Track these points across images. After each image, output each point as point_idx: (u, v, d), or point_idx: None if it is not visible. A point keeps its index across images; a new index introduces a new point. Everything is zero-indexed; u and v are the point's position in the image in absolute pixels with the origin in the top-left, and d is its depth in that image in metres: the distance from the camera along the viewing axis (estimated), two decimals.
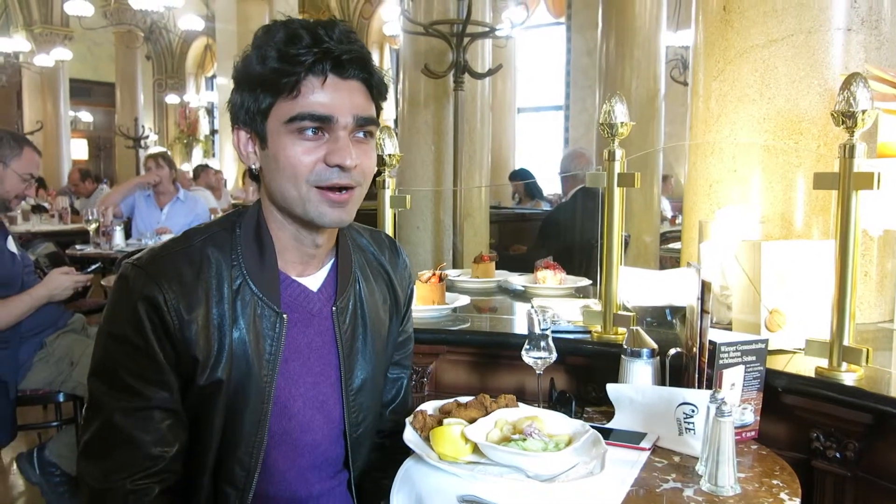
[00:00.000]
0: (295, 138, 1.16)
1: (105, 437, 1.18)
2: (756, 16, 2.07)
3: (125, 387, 1.16)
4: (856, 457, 1.50)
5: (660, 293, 1.97)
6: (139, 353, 1.16)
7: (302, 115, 1.14)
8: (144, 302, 1.15)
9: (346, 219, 1.21)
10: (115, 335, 1.18)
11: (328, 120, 1.15)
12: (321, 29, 1.14)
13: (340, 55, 1.14)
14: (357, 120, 1.17)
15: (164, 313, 1.15)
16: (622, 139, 1.86)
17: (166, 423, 1.18)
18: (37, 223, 7.21)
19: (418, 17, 4.36)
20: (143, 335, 1.15)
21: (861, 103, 1.49)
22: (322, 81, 1.14)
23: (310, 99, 1.14)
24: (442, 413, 1.38)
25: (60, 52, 14.25)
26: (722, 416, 1.25)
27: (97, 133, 19.51)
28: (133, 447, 1.16)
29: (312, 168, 1.16)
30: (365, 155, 1.20)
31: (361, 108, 1.18)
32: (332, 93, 1.15)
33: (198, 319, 1.17)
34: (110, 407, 1.17)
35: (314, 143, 1.16)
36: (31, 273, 3.00)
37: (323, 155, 1.16)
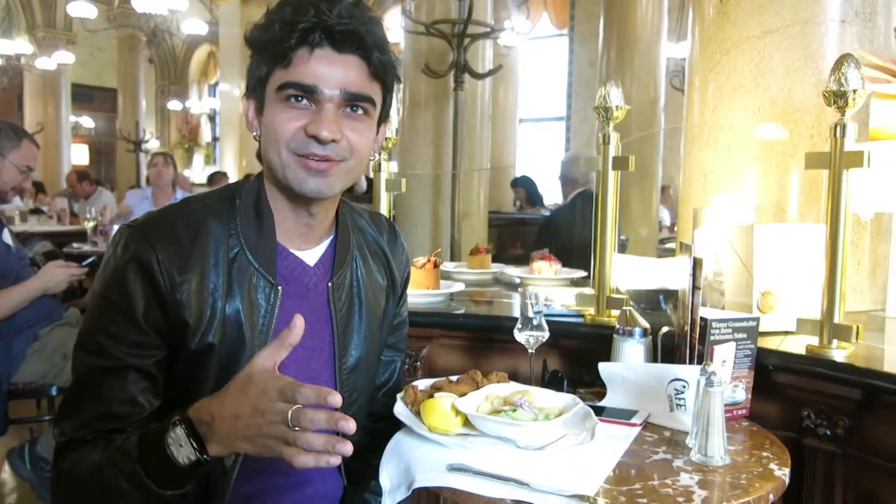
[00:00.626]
0: (283, 106, 1.17)
1: (75, 394, 1.18)
2: (752, 7, 2.09)
3: (103, 351, 1.16)
4: (846, 434, 1.51)
5: (653, 278, 1.98)
6: (121, 315, 1.15)
7: (289, 84, 1.15)
8: (135, 262, 1.15)
9: (325, 189, 1.20)
10: (101, 295, 1.18)
11: (313, 90, 1.15)
12: (325, 2, 1.14)
13: (334, 27, 1.14)
14: (345, 94, 1.17)
15: (156, 273, 1.15)
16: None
17: (140, 385, 1.17)
18: (34, 224, 7.21)
19: (420, 18, 4.39)
20: (127, 298, 1.15)
21: (852, 83, 1.51)
22: (311, 51, 1.15)
23: (299, 68, 1.15)
24: (433, 389, 1.39)
25: (63, 56, 14.29)
26: (711, 386, 1.25)
27: (98, 138, 19.55)
28: (99, 404, 1.15)
29: (293, 135, 1.16)
30: (355, 131, 1.19)
31: (354, 83, 1.17)
32: (323, 64, 1.15)
33: (191, 283, 1.17)
34: (85, 366, 1.17)
35: (299, 112, 1.17)
36: (27, 266, 2.99)
37: (305, 124, 1.16)
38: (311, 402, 0.95)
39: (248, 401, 0.99)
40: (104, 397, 1.15)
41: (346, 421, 0.94)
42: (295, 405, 0.95)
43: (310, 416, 0.94)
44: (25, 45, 13.64)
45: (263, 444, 0.98)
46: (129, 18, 13.51)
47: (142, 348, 1.17)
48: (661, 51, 6.95)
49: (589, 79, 12.99)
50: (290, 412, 0.95)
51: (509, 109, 12.27)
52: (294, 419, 0.94)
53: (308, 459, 0.95)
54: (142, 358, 1.17)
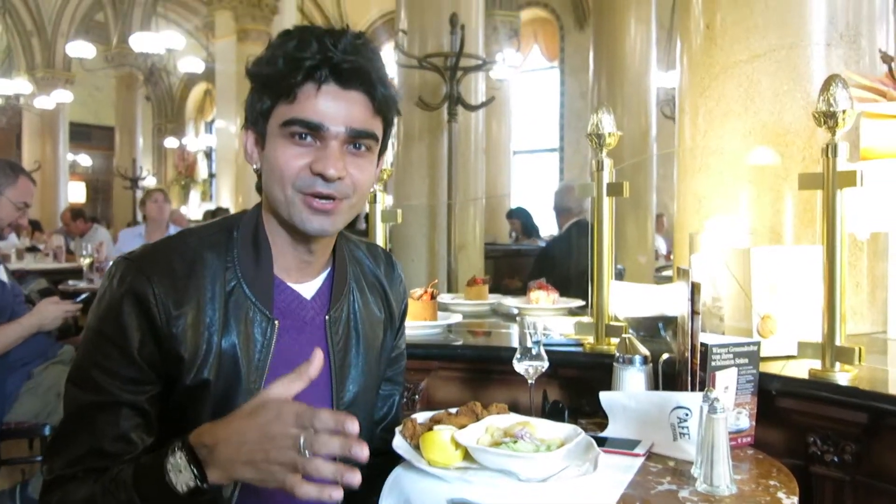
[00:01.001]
0: (287, 142, 1.16)
1: (66, 430, 1.15)
2: (738, 32, 2.12)
3: (95, 385, 1.13)
4: (854, 460, 1.48)
5: (651, 305, 1.96)
6: (116, 349, 1.14)
7: (294, 120, 1.15)
8: (131, 295, 1.14)
9: (329, 228, 1.19)
10: (95, 329, 1.17)
11: (319, 128, 1.14)
12: (329, 37, 1.14)
13: (340, 64, 1.13)
14: (350, 131, 1.16)
15: (151, 306, 1.14)
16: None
17: (132, 421, 1.14)
18: (31, 262, 7.19)
19: (413, 52, 4.43)
20: (122, 331, 1.14)
21: (841, 103, 1.52)
22: (318, 88, 1.14)
23: (304, 105, 1.14)
24: (432, 422, 1.37)
25: (61, 95, 14.41)
26: (715, 412, 1.23)
27: (95, 176, 19.65)
28: (91, 440, 1.12)
29: (298, 173, 1.16)
30: (358, 168, 1.19)
31: (358, 120, 1.17)
32: (329, 101, 1.15)
33: (186, 316, 1.15)
34: (77, 401, 1.15)
35: (304, 149, 1.16)
36: (22, 303, 2.98)
37: (310, 161, 1.15)
38: (329, 427, 0.94)
39: (258, 425, 0.97)
40: (96, 433, 1.12)
41: (361, 447, 0.94)
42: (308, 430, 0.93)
43: (324, 440, 0.93)
44: (25, 84, 13.75)
45: (268, 470, 0.96)
46: (127, 58, 13.65)
47: (136, 384, 1.15)
48: (651, 80, 7.04)
49: (580, 110, 13.11)
50: (304, 437, 0.93)
51: (503, 141, 12.35)
52: (308, 444, 0.93)
53: (311, 490, 0.93)
54: (135, 394, 1.15)
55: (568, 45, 13.82)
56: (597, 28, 7.20)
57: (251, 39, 10.54)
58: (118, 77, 14.94)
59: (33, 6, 15.45)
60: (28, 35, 15.83)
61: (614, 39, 6.90)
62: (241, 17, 10.76)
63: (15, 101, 13.67)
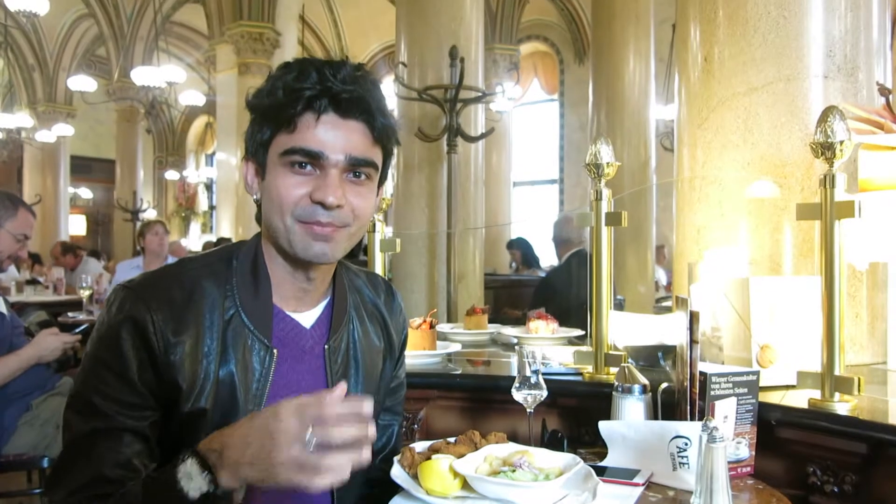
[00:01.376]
0: (287, 171, 1.17)
1: (66, 458, 1.14)
2: (736, 65, 2.14)
3: (96, 411, 1.13)
4: (854, 490, 1.47)
5: (650, 334, 1.96)
6: (115, 376, 1.14)
7: (294, 149, 1.16)
8: (129, 322, 1.14)
9: (329, 254, 1.20)
10: (94, 356, 1.17)
11: (319, 156, 1.15)
12: (328, 68, 1.16)
13: (340, 93, 1.15)
14: (350, 160, 1.17)
15: (150, 335, 1.14)
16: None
17: (134, 448, 1.14)
18: (31, 294, 7.19)
19: (413, 84, 4.47)
20: (121, 358, 1.14)
21: (838, 134, 1.53)
22: (317, 118, 1.15)
23: (304, 134, 1.15)
24: (431, 451, 1.36)
25: (62, 128, 14.51)
26: (714, 441, 1.22)
27: (96, 209, 19.72)
28: (92, 467, 1.12)
29: (298, 202, 1.16)
30: (358, 196, 1.20)
31: (358, 148, 1.18)
32: (328, 130, 1.16)
33: (185, 345, 1.15)
34: (78, 429, 1.14)
35: (304, 178, 1.17)
36: (21, 335, 2.97)
37: (310, 190, 1.16)
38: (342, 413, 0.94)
39: (258, 426, 0.98)
40: (98, 460, 1.11)
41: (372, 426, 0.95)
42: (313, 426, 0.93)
43: (338, 431, 0.93)
44: (26, 118, 13.86)
45: (272, 470, 0.95)
46: (128, 91, 13.75)
47: (136, 409, 1.14)
48: (650, 113, 7.10)
49: (580, 142, 13.21)
50: (311, 431, 0.93)
51: (503, 173, 12.42)
52: (319, 437, 0.93)
53: (322, 482, 0.93)
54: (136, 419, 1.14)
55: (567, 79, 13.96)
56: (596, 62, 7.28)
57: (252, 73, 10.64)
58: (119, 110, 15.05)
59: (35, 41, 15.63)
60: (30, 69, 15.99)
61: (613, 73, 6.97)
62: (243, 50, 10.86)
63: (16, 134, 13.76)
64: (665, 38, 8.06)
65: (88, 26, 15.32)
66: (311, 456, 0.93)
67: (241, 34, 10.86)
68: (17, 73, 16.05)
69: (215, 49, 11.77)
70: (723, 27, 2.19)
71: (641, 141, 6.93)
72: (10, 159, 14.86)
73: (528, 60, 14.16)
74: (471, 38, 4.94)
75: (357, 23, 15.09)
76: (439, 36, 4.78)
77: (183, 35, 16.52)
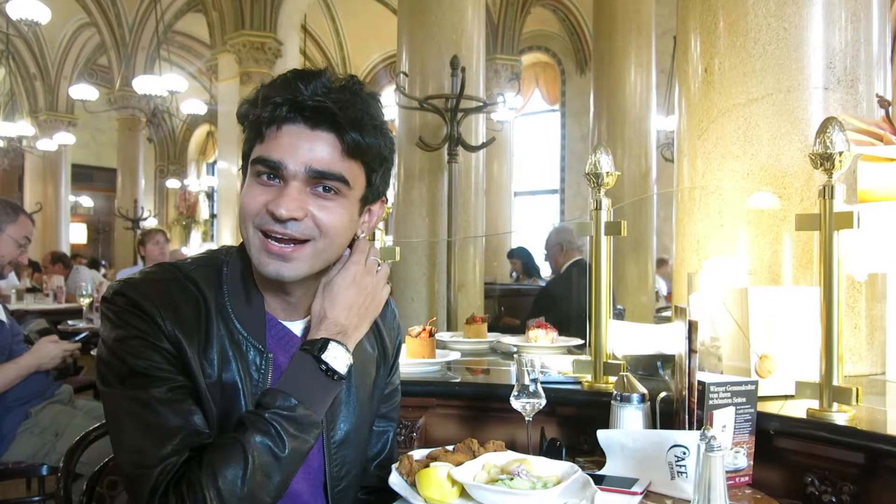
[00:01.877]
0: (254, 181, 1.17)
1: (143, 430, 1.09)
2: (736, 76, 2.15)
3: (150, 378, 1.11)
4: (851, 500, 1.47)
5: (649, 343, 1.96)
6: (146, 345, 1.12)
7: (256, 160, 1.16)
8: (139, 309, 1.13)
9: (285, 273, 1.17)
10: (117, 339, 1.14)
11: (277, 166, 1.14)
12: (301, 80, 1.15)
13: (304, 102, 1.13)
14: (310, 171, 1.14)
15: (163, 328, 1.13)
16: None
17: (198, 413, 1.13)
18: (31, 302, 7.20)
19: (414, 93, 4.49)
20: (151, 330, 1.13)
21: (837, 145, 1.53)
22: (278, 128, 1.15)
23: (269, 144, 1.15)
24: (429, 459, 1.36)
25: (63, 137, 14.53)
26: (712, 450, 1.22)
27: (97, 217, 19.74)
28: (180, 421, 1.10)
29: (258, 212, 1.16)
30: (323, 210, 1.17)
31: (322, 161, 1.15)
32: (291, 139, 1.14)
33: (191, 348, 1.15)
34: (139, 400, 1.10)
35: (266, 189, 1.16)
36: (21, 343, 2.97)
37: (268, 199, 1.15)
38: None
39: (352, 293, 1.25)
40: (182, 417, 1.11)
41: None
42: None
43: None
44: (27, 127, 13.89)
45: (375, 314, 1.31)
46: (130, 100, 13.79)
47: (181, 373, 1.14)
48: (651, 124, 7.12)
49: (581, 153, 13.24)
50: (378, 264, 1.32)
51: (504, 182, 12.44)
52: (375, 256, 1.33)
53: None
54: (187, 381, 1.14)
55: (569, 89, 14.01)
56: (597, 73, 7.30)
57: (254, 82, 10.65)
58: (120, 119, 15.08)
59: (37, 49, 15.67)
60: (31, 78, 16.03)
61: (615, 84, 6.99)
62: (244, 60, 10.90)
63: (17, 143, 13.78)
64: (666, 49, 8.10)
65: (90, 35, 15.36)
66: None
67: (242, 43, 10.90)
68: (18, 81, 16.09)
69: (217, 58, 11.80)
70: (723, 38, 2.20)
71: (642, 151, 6.94)
72: (12, 168, 14.89)
73: (529, 71, 14.21)
74: (472, 48, 4.96)
75: (358, 32, 15.14)
76: (440, 46, 4.79)
77: (185, 44, 16.57)
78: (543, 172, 14.51)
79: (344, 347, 1.19)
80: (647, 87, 7.07)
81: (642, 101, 7.04)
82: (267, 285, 1.25)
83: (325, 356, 1.16)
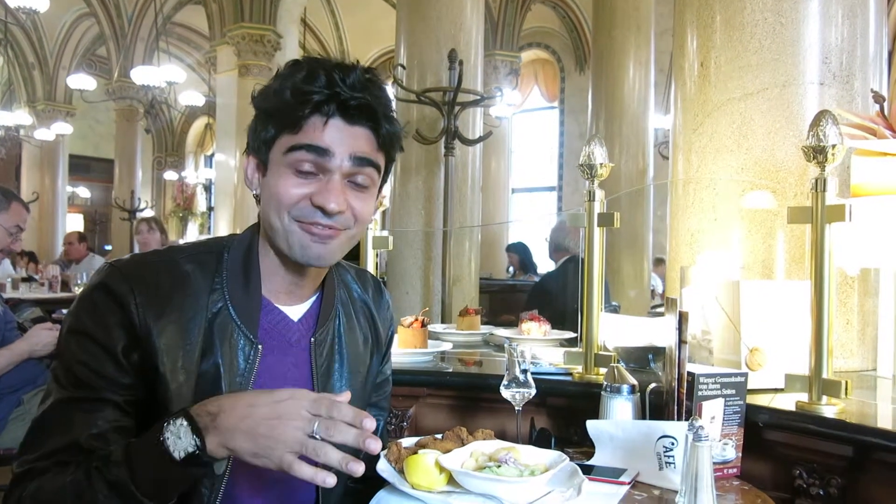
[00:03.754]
0: (290, 172, 1.17)
1: (43, 424, 1.13)
2: (732, 70, 2.15)
3: (77, 381, 1.12)
4: (839, 493, 1.47)
5: (641, 336, 1.97)
6: (100, 348, 1.13)
7: (300, 146, 1.15)
8: (111, 295, 1.14)
9: (326, 256, 1.20)
10: (75, 330, 1.15)
11: (325, 153, 1.15)
12: (337, 72, 1.15)
13: (348, 100, 1.15)
14: (354, 160, 1.17)
15: (132, 314, 1.13)
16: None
17: (113, 423, 1.13)
18: (26, 291, 7.18)
19: (411, 86, 4.48)
20: (107, 332, 1.13)
21: (830, 138, 1.54)
22: (325, 122, 1.15)
23: (311, 134, 1.15)
24: (417, 446, 1.36)
25: (61, 127, 14.50)
26: (699, 440, 1.22)
27: (94, 208, 19.69)
28: (68, 434, 1.10)
29: (297, 203, 1.16)
30: (359, 200, 1.20)
31: (363, 151, 1.18)
32: (334, 133, 1.16)
33: (166, 331, 1.15)
34: (57, 397, 1.13)
35: (306, 180, 1.16)
36: (14, 331, 2.96)
37: (311, 192, 1.16)
38: (348, 419, 0.97)
39: (271, 400, 1.00)
40: (73, 428, 1.11)
41: (375, 441, 0.97)
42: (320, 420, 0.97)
43: (342, 427, 0.96)
44: (25, 116, 13.85)
45: (268, 445, 0.97)
46: (128, 91, 13.76)
47: (120, 386, 1.14)
48: (649, 122, 7.12)
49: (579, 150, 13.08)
50: (318, 422, 0.96)
51: (501, 179, 12.45)
52: (324, 429, 0.96)
53: (307, 471, 0.96)
54: (117, 394, 1.14)
55: (568, 86, 14.00)
56: (596, 70, 7.30)
57: (252, 74, 10.63)
58: (118, 110, 15.02)
59: (35, 39, 15.63)
60: (30, 67, 15.98)
61: (613, 82, 6.99)
62: (244, 52, 10.86)
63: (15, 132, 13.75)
64: (665, 48, 8.06)
65: (89, 25, 15.32)
66: (310, 441, 0.96)
67: (242, 36, 10.86)
68: (16, 70, 16.04)
69: (216, 50, 11.77)
70: (719, 32, 2.20)
71: (640, 149, 6.95)
72: (9, 157, 14.87)
73: (528, 67, 14.19)
74: (471, 42, 4.95)
75: (358, 27, 15.12)
76: (439, 40, 4.78)
77: (184, 36, 16.53)
78: (541, 169, 14.52)
79: (196, 435, 0.99)
80: (646, 85, 7.07)
81: (640, 98, 7.04)
82: (278, 268, 1.25)
83: (169, 429, 0.99)
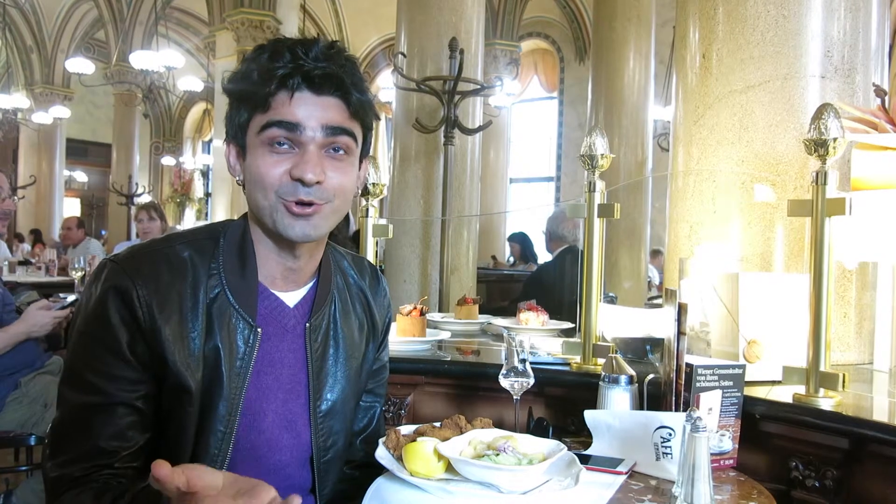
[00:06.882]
0: (266, 150, 1.18)
1: (63, 431, 1.18)
2: (734, 62, 2.14)
3: (89, 387, 1.15)
4: (834, 485, 1.48)
5: (639, 327, 1.97)
6: (106, 351, 1.15)
7: (270, 122, 1.16)
8: (115, 295, 1.15)
9: (311, 233, 1.20)
10: (83, 332, 1.18)
11: (295, 127, 1.16)
12: (300, 47, 1.17)
13: (312, 70, 1.16)
14: (326, 130, 1.18)
15: (136, 308, 1.15)
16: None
17: (127, 419, 1.16)
18: (22, 275, 7.17)
19: (412, 75, 4.46)
20: (112, 333, 1.15)
21: (832, 131, 1.54)
22: (290, 96, 1.16)
23: (280, 110, 1.16)
24: (416, 434, 1.36)
25: (59, 111, 14.44)
26: (697, 431, 1.23)
27: (91, 192, 19.66)
28: (88, 439, 1.14)
29: (279, 179, 1.17)
30: (338, 171, 1.20)
31: (335, 120, 1.19)
32: (302, 106, 1.17)
33: (170, 320, 1.16)
34: (71, 404, 1.17)
35: (283, 156, 1.17)
36: (12, 313, 2.96)
37: (289, 167, 1.17)
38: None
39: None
40: (93, 433, 1.14)
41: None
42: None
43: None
44: (23, 99, 13.80)
45: None
46: (126, 75, 13.73)
47: (129, 383, 1.16)
48: (649, 113, 7.12)
49: (578, 141, 12.99)
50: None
51: (500, 169, 12.44)
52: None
53: None
54: (129, 392, 1.16)
55: (568, 77, 13.97)
56: (596, 60, 7.29)
57: None
58: (117, 94, 14.98)
59: (34, 22, 15.56)
60: (28, 51, 15.91)
61: (613, 72, 6.98)
62: (243, 38, 10.81)
63: (12, 115, 13.70)
64: (666, 40, 8.07)
65: (88, 9, 15.24)
66: None
67: (241, 21, 10.81)
68: (14, 53, 15.97)
69: (215, 36, 11.72)
70: (722, 24, 2.19)
71: (639, 140, 6.94)
72: (6, 140, 14.83)
73: (528, 57, 14.16)
74: (471, 31, 4.93)
75: (358, 14, 15.05)
76: (439, 28, 4.77)
77: (183, 21, 16.45)
78: (540, 160, 14.50)
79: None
80: (646, 76, 7.07)
81: (640, 89, 7.04)
82: (272, 252, 1.26)
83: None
